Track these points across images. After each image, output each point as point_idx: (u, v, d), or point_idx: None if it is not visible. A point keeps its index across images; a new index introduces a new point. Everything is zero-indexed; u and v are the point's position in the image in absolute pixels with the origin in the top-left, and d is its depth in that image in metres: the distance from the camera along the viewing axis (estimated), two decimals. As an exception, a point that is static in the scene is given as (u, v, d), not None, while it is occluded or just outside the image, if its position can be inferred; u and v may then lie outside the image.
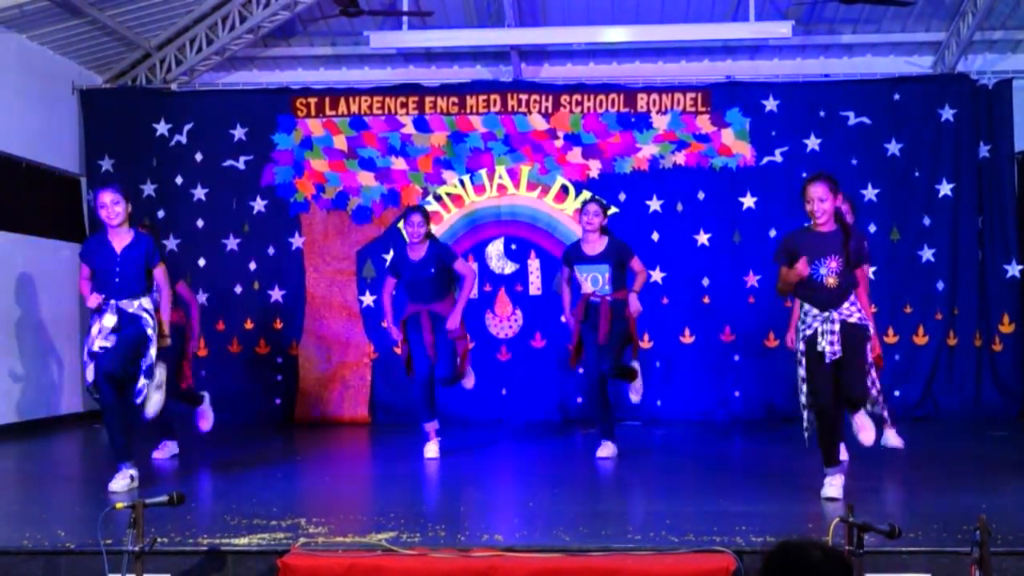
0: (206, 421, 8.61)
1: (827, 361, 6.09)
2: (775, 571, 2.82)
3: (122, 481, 6.61)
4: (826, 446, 6.23)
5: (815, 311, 6.18)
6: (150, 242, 6.87)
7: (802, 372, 6.23)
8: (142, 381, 6.69)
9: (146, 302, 6.74)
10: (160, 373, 6.89)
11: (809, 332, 6.17)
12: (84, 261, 6.88)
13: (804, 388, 6.24)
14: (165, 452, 8.36)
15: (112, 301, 6.67)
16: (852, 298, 6.20)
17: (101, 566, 4.58)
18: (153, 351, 6.70)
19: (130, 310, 6.67)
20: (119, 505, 4.55)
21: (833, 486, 6.15)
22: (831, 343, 6.07)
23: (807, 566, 2.77)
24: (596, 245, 8.14)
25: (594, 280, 8.08)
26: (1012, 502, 6.13)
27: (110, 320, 6.63)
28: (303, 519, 5.64)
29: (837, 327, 6.10)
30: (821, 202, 6.12)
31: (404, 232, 8.43)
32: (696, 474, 6.68)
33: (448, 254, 8.39)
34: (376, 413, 11.19)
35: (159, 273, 6.86)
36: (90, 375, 6.69)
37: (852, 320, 6.15)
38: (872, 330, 7.58)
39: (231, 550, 4.96)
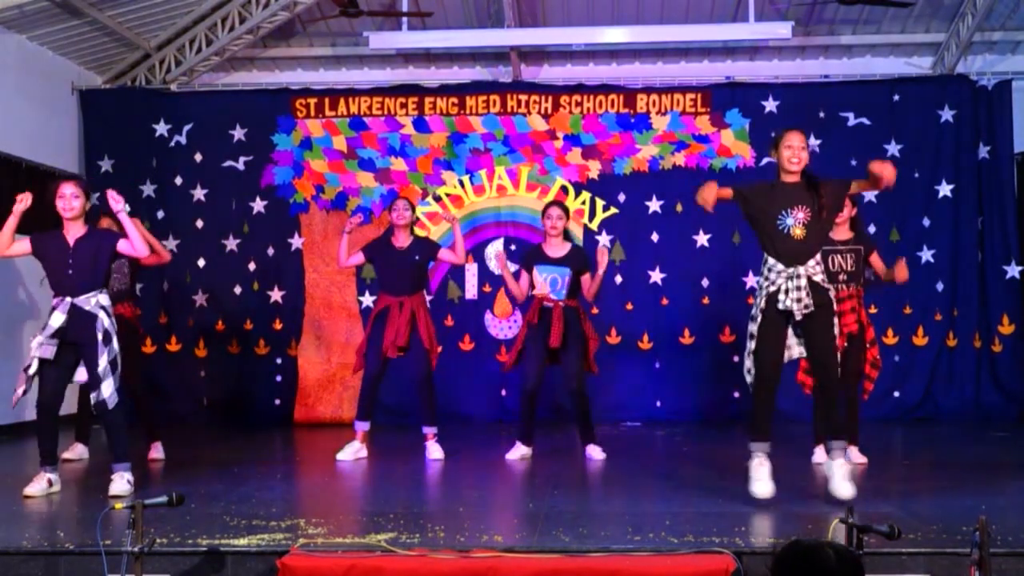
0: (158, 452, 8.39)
1: (798, 318, 5.89)
2: (788, 572, 2.82)
3: (38, 485, 6.56)
4: (758, 416, 6.09)
5: (780, 266, 5.95)
6: (103, 231, 6.83)
7: (752, 328, 6.02)
8: (107, 388, 6.54)
9: (103, 298, 6.62)
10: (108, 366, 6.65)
11: (772, 288, 5.94)
12: (34, 247, 6.69)
13: (751, 346, 6.05)
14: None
15: (68, 299, 6.52)
16: (818, 258, 5.99)
17: (100, 566, 4.57)
18: (105, 358, 6.53)
19: (86, 308, 6.52)
20: (118, 506, 4.55)
21: (760, 480, 5.96)
22: (799, 299, 5.86)
23: (821, 568, 2.77)
24: (559, 249, 8.15)
25: (552, 282, 8.04)
26: (1012, 503, 6.15)
27: (57, 319, 6.47)
28: (302, 520, 5.64)
29: (804, 282, 5.88)
30: (801, 150, 5.97)
31: (390, 219, 8.41)
32: (695, 475, 6.69)
33: (433, 245, 8.54)
34: (375, 414, 11.12)
35: (124, 244, 6.64)
36: (20, 389, 6.52)
37: (816, 279, 5.93)
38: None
39: (230, 551, 4.95)
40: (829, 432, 6.18)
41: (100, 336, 6.53)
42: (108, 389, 6.56)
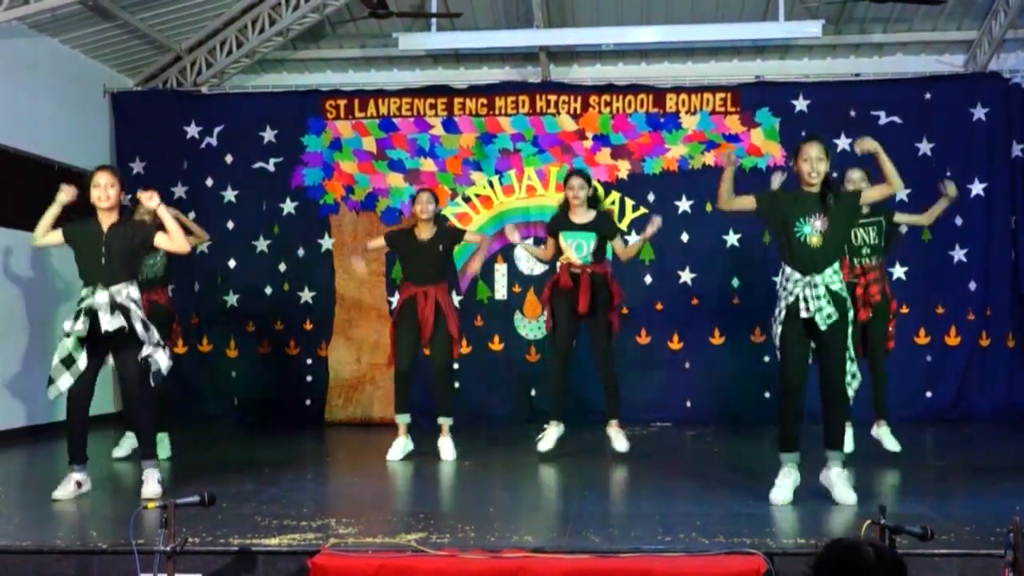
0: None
1: (822, 327, 5.97)
2: (828, 572, 2.81)
3: (66, 487, 6.52)
4: (785, 426, 6.20)
5: (796, 275, 6.07)
6: (138, 222, 6.80)
7: (776, 341, 6.15)
8: (163, 359, 6.56)
9: (133, 291, 6.57)
10: (155, 338, 6.64)
11: (791, 299, 6.06)
12: (66, 236, 6.62)
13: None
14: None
15: (100, 289, 6.48)
16: (837, 266, 6.10)
17: (133, 565, 4.60)
18: (146, 348, 6.50)
19: (119, 299, 6.47)
20: (151, 505, 4.57)
21: (781, 487, 6.09)
22: (820, 308, 5.96)
23: (860, 567, 2.75)
24: (584, 216, 8.18)
25: (578, 248, 8.09)
26: None
27: (102, 296, 6.42)
28: (333, 520, 5.69)
29: (823, 291, 5.99)
30: (819, 161, 6.02)
31: (414, 212, 8.44)
32: (725, 476, 6.68)
33: (456, 230, 8.65)
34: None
35: (162, 239, 6.61)
36: (64, 383, 6.48)
37: (835, 287, 6.04)
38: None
39: (262, 550, 5.00)
40: (829, 445, 6.18)
41: (139, 326, 6.50)
42: (164, 360, 6.57)
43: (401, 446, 8.34)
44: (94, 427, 8.77)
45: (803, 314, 6.01)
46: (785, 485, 6.09)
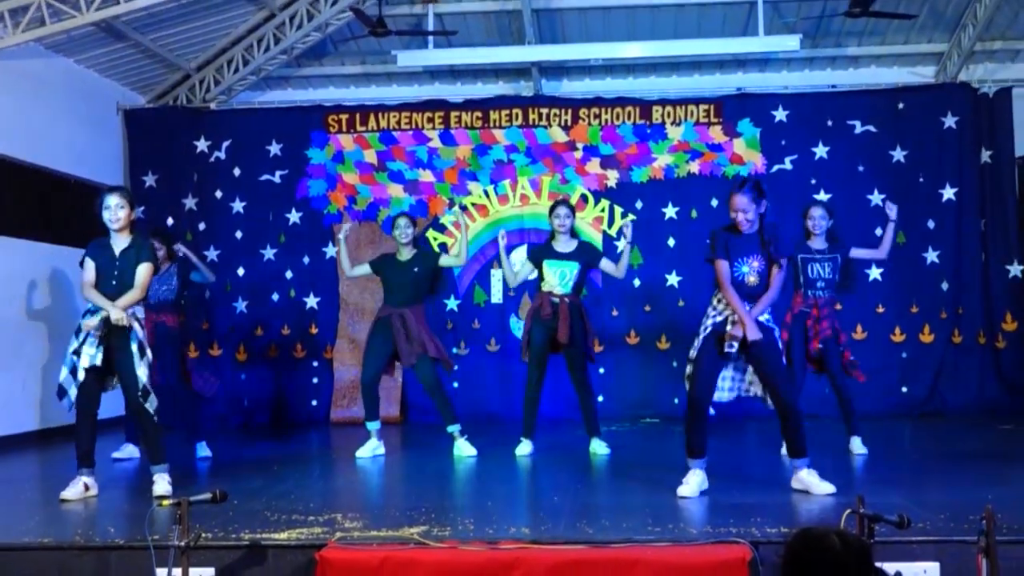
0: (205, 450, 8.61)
1: (727, 351, 6.22)
2: (796, 560, 2.96)
3: (74, 488, 6.55)
4: (692, 436, 6.38)
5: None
6: (143, 242, 6.76)
7: (692, 353, 6.36)
8: (151, 402, 6.62)
9: (137, 309, 6.64)
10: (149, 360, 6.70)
11: (719, 318, 6.30)
12: (90, 255, 6.65)
13: (689, 370, 6.37)
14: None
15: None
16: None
17: (149, 560, 4.73)
18: (144, 371, 6.55)
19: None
20: (165, 503, 4.71)
21: (688, 484, 6.27)
22: (735, 335, 6.19)
23: (826, 554, 2.89)
24: (567, 245, 8.39)
25: (561, 275, 8.27)
26: (1017, 493, 6.21)
27: (93, 322, 6.44)
28: (339, 514, 5.77)
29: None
30: (744, 213, 6.26)
31: (393, 236, 8.68)
32: (712, 468, 6.51)
33: (434, 254, 8.86)
34: (408, 413, 11.49)
35: (141, 270, 6.65)
36: (73, 393, 6.55)
37: (761, 319, 6.30)
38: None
39: (271, 544, 5.10)
40: (794, 455, 6.42)
41: (135, 347, 6.55)
42: (155, 398, 6.70)
43: (371, 448, 8.48)
44: (107, 429, 8.95)
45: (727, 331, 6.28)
46: (692, 481, 6.29)
